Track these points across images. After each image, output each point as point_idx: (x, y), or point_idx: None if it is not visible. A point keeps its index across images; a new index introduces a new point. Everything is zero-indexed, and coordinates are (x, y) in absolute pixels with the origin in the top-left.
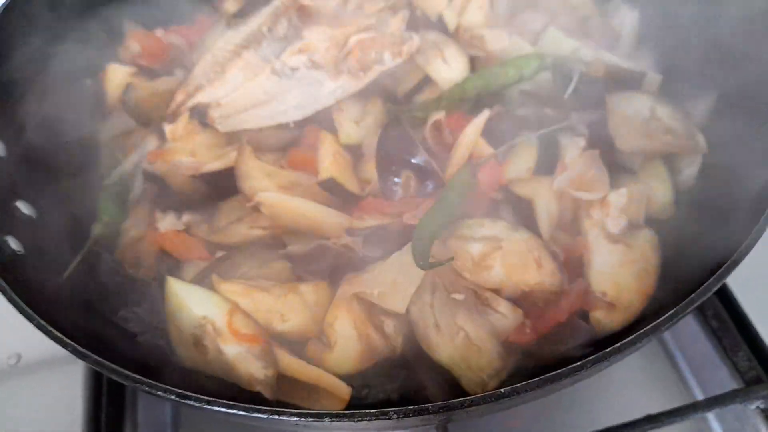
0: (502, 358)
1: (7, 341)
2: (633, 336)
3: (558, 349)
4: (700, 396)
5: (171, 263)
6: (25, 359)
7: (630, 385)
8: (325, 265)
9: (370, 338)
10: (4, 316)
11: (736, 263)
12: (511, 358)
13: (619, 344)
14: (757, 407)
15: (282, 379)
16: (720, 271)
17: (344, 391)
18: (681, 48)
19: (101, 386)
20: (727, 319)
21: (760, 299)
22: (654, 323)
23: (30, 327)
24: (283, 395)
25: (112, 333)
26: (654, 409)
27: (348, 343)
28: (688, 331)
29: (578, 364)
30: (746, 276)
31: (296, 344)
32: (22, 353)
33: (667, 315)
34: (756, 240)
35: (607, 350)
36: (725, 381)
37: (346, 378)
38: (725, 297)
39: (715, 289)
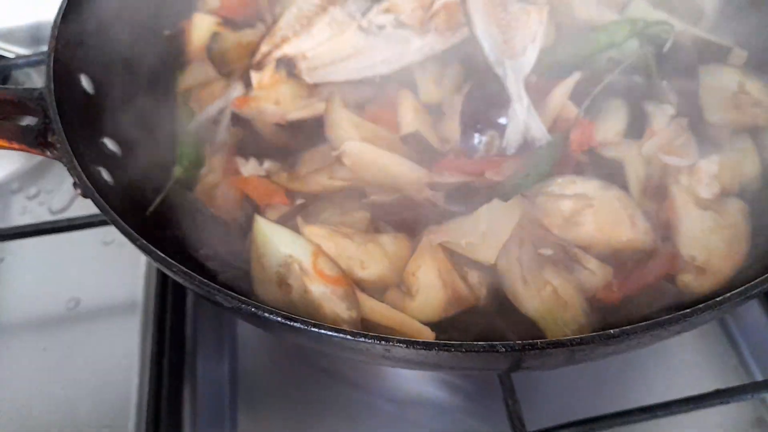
0: (587, 315)
1: (66, 285)
2: (744, 287)
3: (642, 311)
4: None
5: (251, 207)
6: (84, 304)
7: (689, 365)
8: (406, 216)
9: (456, 286)
10: (63, 260)
11: None
12: (594, 316)
13: (730, 294)
14: None
15: (363, 324)
16: None
17: (429, 336)
18: (765, 25)
19: (164, 335)
20: None
21: None
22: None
23: (88, 272)
24: None
25: (192, 270)
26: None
27: (431, 291)
28: (751, 314)
29: (689, 310)
30: None
31: (375, 292)
32: (81, 298)
33: (753, 283)
34: None
35: (718, 299)
36: None
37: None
38: None
39: None
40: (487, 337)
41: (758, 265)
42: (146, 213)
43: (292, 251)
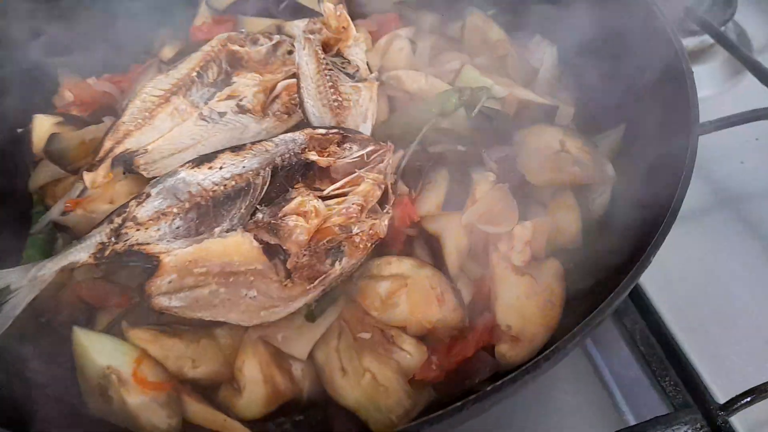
0: (411, 398)
1: None
2: (516, 373)
3: (465, 385)
4: (633, 421)
5: (87, 311)
6: None
7: (566, 410)
8: None
9: (275, 381)
10: None
11: (618, 295)
12: (421, 397)
13: (503, 380)
14: None
15: (188, 427)
16: (593, 312)
17: None
18: (595, 84)
19: None
20: (655, 344)
21: (688, 324)
22: (535, 360)
23: None
24: None
25: (22, 385)
26: None
27: (255, 387)
28: (620, 357)
29: (473, 396)
30: (676, 301)
31: (207, 389)
32: None
33: (551, 349)
34: (649, 260)
35: (498, 383)
36: (656, 406)
37: (253, 423)
38: (654, 322)
39: (600, 320)
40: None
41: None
42: None
43: (111, 361)
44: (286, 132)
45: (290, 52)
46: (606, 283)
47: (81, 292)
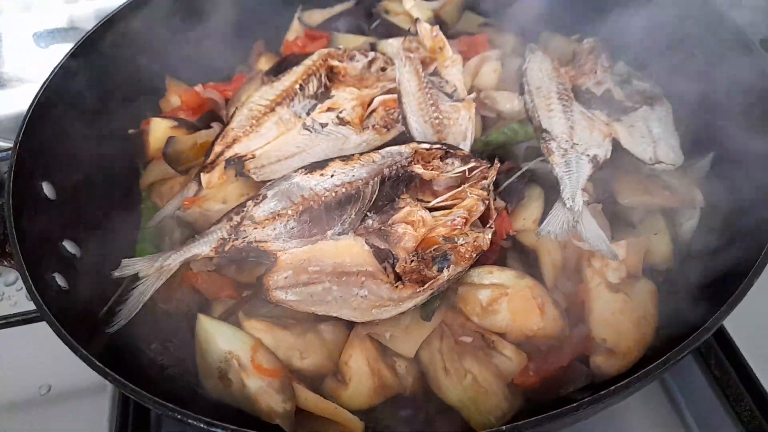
0: (508, 400)
1: (39, 372)
2: (627, 380)
3: (559, 392)
4: None
5: (201, 300)
6: (55, 389)
7: (635, 428)
8: None
9: (383, 375)
10: (35, 349)
11: (725, 313)
12: (516, 400)
13: (613, 387)
14: None
15: (299, 414)
16: (708, 322)
17: (358, 426)
18: (685, 111)
19: (128, 416)
20: (729, 368)
21: (762, 350)
22: (647, 368)
23: (60, 359)
24: (301, 429)
25: (144, 364)
26: None
27: (362, 379)
28: (692, 380)
29: (574, 404)
30: (748, 326)
31: (313, 380)
32: (53, 384)
33: (659, 361)
34: (746, 290)
35: (602, 392)
36: (729, 430)
37: (360, 413)
38: (728, 347)
39: (704, 338)
40: (416, 426)
41: (665, 343)
42: (101, 312)
43: (232, 347)
44: (384, 145)
45: (383, 69)
46: (698, 306)
47: (196, 283)
